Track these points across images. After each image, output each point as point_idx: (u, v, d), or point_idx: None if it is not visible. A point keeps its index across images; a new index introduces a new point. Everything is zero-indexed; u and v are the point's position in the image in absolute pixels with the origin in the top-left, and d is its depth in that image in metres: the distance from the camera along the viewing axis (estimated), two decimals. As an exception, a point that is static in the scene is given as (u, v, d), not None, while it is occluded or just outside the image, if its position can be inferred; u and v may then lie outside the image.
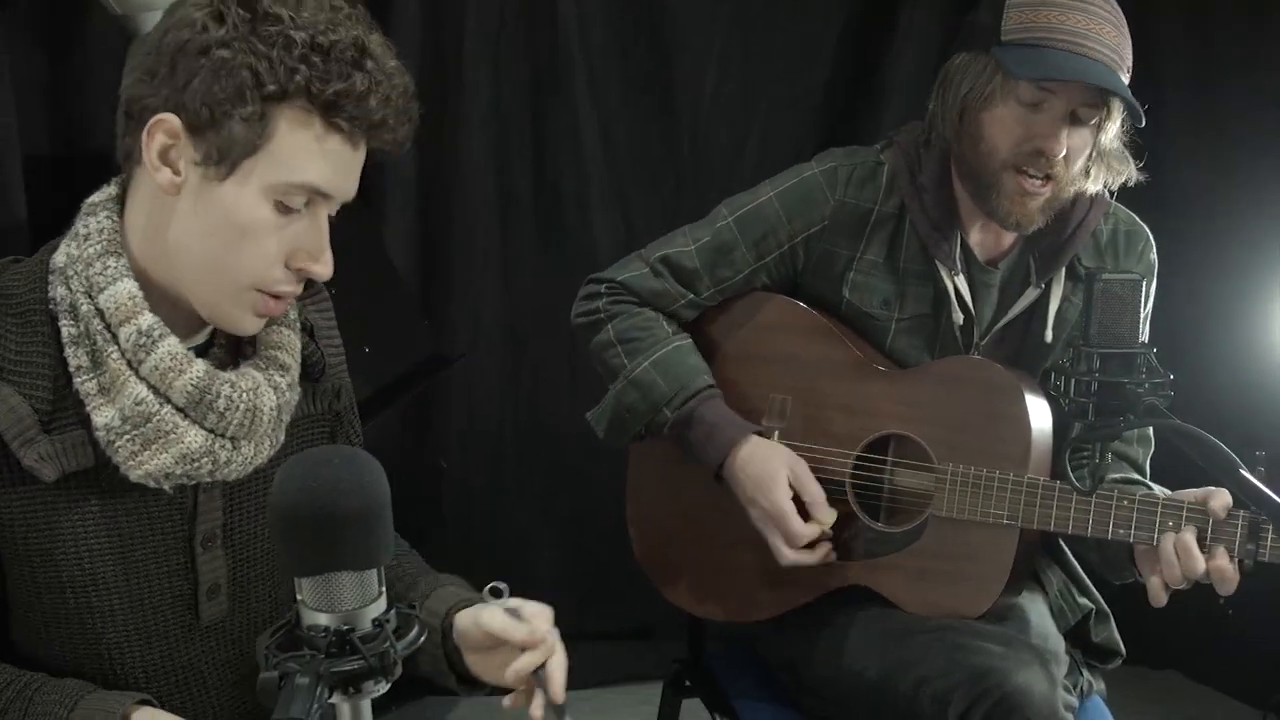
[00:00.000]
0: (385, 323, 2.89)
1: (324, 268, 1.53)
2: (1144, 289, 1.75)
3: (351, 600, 1.18)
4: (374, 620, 1.19)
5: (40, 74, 2.86)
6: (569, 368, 2.86)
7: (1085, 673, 2.27)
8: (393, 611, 1.21)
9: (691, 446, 2.22)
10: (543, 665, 1.60)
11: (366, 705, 1.21)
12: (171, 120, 1.44)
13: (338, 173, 1.49)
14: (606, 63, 3.49)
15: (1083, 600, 2.31)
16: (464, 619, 1.65)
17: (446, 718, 3.48)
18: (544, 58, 3.46)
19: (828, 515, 2.16)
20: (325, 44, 1.43)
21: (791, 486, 2.15)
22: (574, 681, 4.11)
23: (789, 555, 2.16)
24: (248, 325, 1.55)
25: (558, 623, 3.93)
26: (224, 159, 1.45)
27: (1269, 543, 1.91)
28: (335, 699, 1.18)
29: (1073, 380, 1.74)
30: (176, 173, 1.47)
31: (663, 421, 2.21)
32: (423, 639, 1.23)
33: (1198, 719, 3.48)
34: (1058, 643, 2.20)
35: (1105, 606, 2.33)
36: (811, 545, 2.17)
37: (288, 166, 1.46)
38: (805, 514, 2.16)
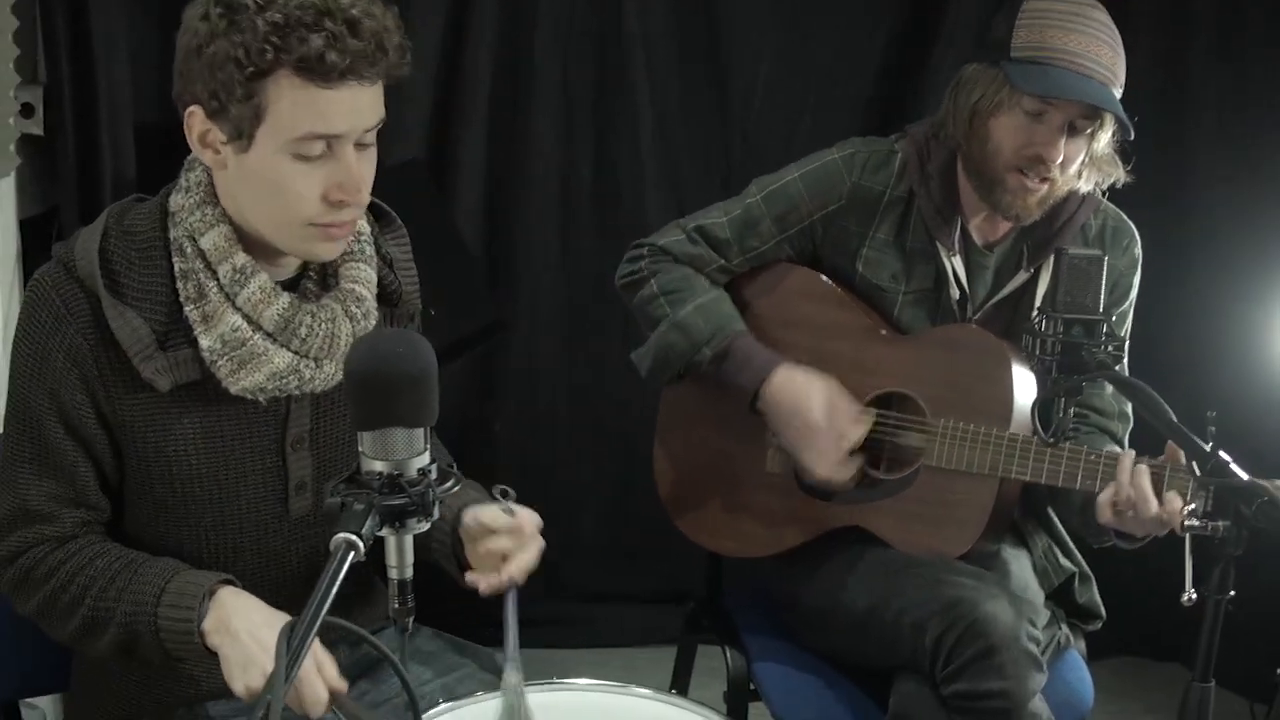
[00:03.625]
0: (451, 289, 3.04)
1: (356, 195, 1.72)
2: (1105, 265, 1.93)
3: (402, 451, 1.42)
4: (419, 469, 1.43)
5: (154, 51, 3.10)
6: (622, 337, 3.01)
7: (1064, 627, 2.44)
8: (434, 465, 1.45)
9: (728, 377, 2.40)
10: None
11: (409, 540, 1.45)
12: (198, 111, 1.70)
13: (336, 116, 1.67)
14: (666, 59, 3.65)
15: (1066, 563, 2.48)
16: (468, 514, 1.88)
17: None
18: (609, 53, 3.62)
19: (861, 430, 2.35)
20: (281, 19, 1.61)
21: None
22: (606, 639, 4.24)
23: (825, 469, 2.35)
24: (322, 253, 1.80)
25: (596, 583, 4.17)
26: (241, 134, 1.68)
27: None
28: (384, 532, 1.43)
29: (1038, 341, 1.92)
30: (216, 151, 1.72)
31: (701, 360, 2.41)
32: (457, 487, 1.47)
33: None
34: (1037, 595, 2.39)
35: (1088, 570, 2.50)
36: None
37: (289, 125, 1.66)
38: None
